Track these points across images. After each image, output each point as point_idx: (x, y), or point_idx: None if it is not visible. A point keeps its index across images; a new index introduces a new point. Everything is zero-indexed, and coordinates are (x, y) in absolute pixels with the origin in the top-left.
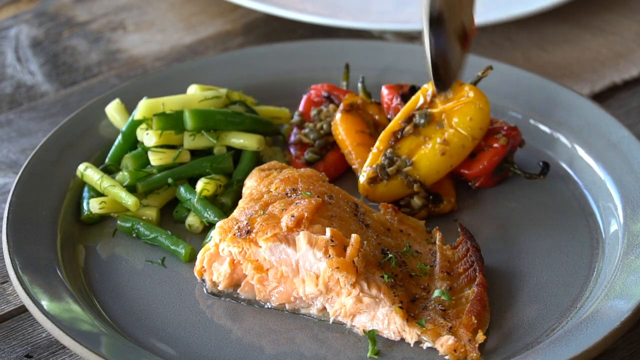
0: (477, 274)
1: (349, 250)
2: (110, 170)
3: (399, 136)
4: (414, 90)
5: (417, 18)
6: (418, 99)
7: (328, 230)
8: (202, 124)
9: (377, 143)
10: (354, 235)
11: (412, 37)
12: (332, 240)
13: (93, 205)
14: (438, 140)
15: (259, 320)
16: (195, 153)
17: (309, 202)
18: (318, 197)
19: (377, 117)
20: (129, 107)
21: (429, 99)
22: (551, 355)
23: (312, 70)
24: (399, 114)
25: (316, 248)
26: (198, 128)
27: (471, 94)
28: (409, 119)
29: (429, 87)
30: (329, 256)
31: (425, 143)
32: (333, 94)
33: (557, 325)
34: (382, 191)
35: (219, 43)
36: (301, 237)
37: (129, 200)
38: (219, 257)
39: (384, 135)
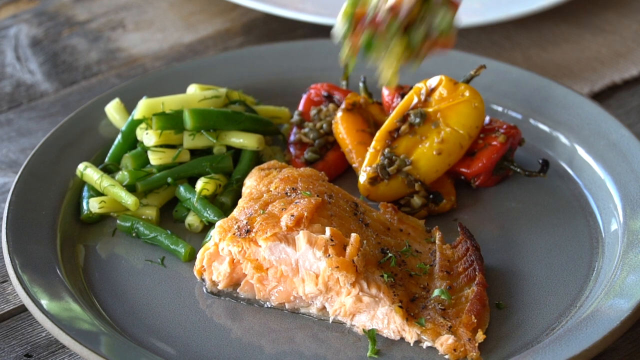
0: (476, 273)
1: (348, 249)
2: (110, 170)
3: (395, 135)
4: None
5: None
6: (412, 98)
7: (328, 230)
8: (201, 123)
9: (374, 143)
10: (353, 235)
11: None
12: (332, 240)
13: (93, 205)
14: (435, 139)
15: (258, 320)
16: (194, 152)
17: (309, 202)
18: (318, 196)
19: (377, 117)
20: (129, 107)
21: (422, 97)
22: (551, 354)
23: (312, 70)
24: (393, 113)
25: (316, 247)
26: (198, 127)
27: (467, 93)
28: (404, 118)
29: (422, 86)
30: (329, 255)
31: (422, 142)
32: (333, 93)
33: (557, 324)
34: (383, 191)
35: (219, 42)
36: (301, 237)
37: (128, 199)
38: (218, 256)
39: (379, 134)
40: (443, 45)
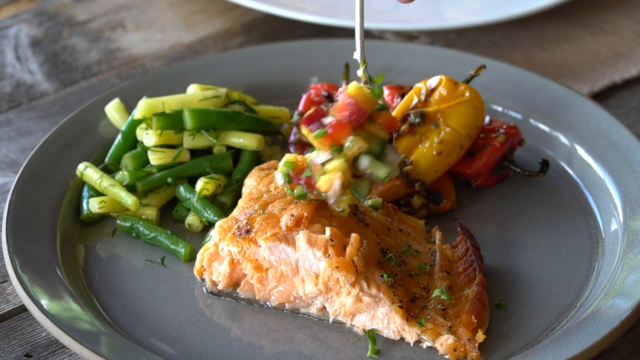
0: (476, 273)
1: (348, 249)
2: (110, 170)
3: (395, 135)
4: None
5: (416, 17)
6: (412, 98)
7: (328, 230)
8: (201, 123)
9: None
10: (353, 235)
11: (412, 36)
12: (332, 240)
13: (93, 205)
14: (435, 139)
15: (258, 320)
16: (194, 152)
17: (309, 202)
18: None
19: None
20: (129, 107)
21: (422, 97)
22: (551, 354)
23: (312, 70)
24: (393, 113)
25: (316, 247)
26: (197, 127)
27: (467, 93)
28: (404, 118)
29: (422, 86)
30: (329, 255)
31: (422, 142)
32: (333, 93)
33: (556, 324)
34: (383, 191)
35: (219, 42)
36: (301, 237)
37: (128, 199)
38: (218, 256)
39: None
40: (392, 182)
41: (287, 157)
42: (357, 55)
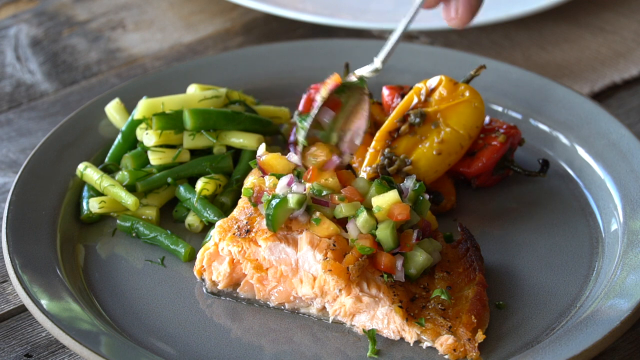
0: (476, 273)
1: (347, 257)
2: (110, 170)
3: (395, 135)
4: None
5: (417, 17)
6: (412, 98)
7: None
8: (201, 123)
9: (374, 143)
10: (357, 244)
11: (412, 36)
12: (334, 245)
13: (93, 205)
14: (435, 139)
15: (258, 320)
16: (194, 152)
17: None
18: None
19: (377, 117)
20: (129, 107)
21: (422, 98)
22: (551, 354)
23: (312, 70)
24: (393, 113)
25: (317, 250)
26: (197, 127)
27: (467, 93)
28: (404, 118)
29: (422, 86)
30: (326, 258)
31: (422, 142)
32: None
33: (556, 324)
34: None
35: (219, 42)
36: (303, 237)
37: (128, 199)
38: (218, 256)
39: (379, 134)
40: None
41: (248, 183)
42: (379, 61)
